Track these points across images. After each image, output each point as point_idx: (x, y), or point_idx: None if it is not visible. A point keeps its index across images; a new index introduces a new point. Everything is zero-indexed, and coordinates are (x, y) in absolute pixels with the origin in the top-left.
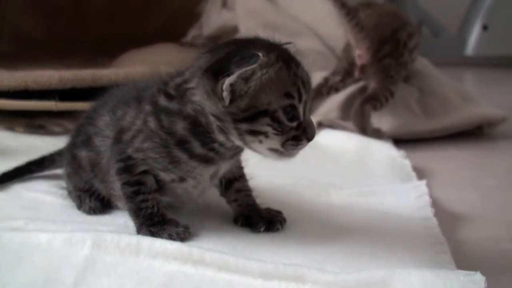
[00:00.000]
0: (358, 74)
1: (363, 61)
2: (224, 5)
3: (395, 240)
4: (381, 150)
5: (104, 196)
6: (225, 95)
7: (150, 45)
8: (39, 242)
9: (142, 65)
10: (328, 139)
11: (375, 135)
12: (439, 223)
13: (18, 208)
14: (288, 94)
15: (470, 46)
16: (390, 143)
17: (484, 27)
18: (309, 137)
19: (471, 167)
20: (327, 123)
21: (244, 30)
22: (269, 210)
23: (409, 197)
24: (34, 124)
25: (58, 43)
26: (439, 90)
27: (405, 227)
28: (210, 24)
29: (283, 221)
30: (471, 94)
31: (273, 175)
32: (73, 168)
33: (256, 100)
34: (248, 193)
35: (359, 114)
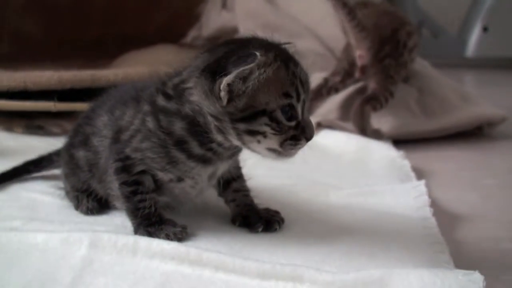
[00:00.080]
0: (358, 75)
1: (363, 61)
2: (223, 6)
3: (393, 240)
4: (380, 151)
5: (101, 196)
6: (223, 94)
7: (150, 46)
8: (36, 242)
9: (141, 66)
10: (328, 139)
11: (374, 135)
12: (438, 223)
13: (16, 208)
14: (286, 94)
15: (470, 47)
16: (390, 144)
17: (484, 29)
18: (308, 136)
19: (471, 167)
20: (327, 123)
21: (243, 31)
22: (267, 210)
23: (408, 197)
24: (33, 124)
25: (58, 44)
26: (439, 90)
27: (404, 227)
28: (209, 25)
29: (281, 221)
30: (471, 94)
31: (272, 175)
32: (70, 168)
33: (254, 100)
34: (246, 193)
35: (359, 114)
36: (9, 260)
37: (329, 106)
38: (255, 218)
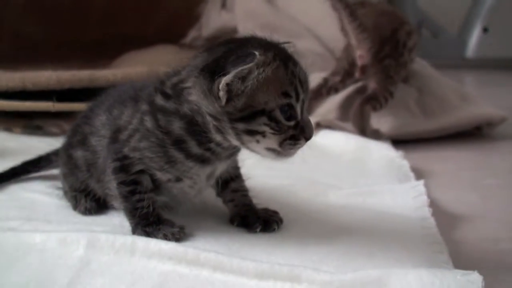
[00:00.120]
0: (358, 75)
1: (363, 61)
2: (223, 6)
3: (392, 240)
4: (379, 151)
5: (99, 196)
6: (222, 94)
7: (150, 46)
8: (34, 242)
9: (140, 66)
10: (327, 139)
11: (374, 135)
12: (438, 223)
13: (14, 208)
14: (286, 93)
15: (470, 48)
16: (389, 144)
17: (484, 29)
18: (307, 136)
19: (470, 167)
20: (326, 123)
21: (243, 31)
22: (265, 210)
23: (407, 197)
24: (31, 124)
25: (58, 44)
26: (438, 90)
27: (403, 227)
28: (209, 25)
29: (279, 221)
30: (470, 94)
31: (271, 175)
32: (69, 168)
33: (253, 99)
34: (244, 193)
35: (359, 114)
36: (7, 260)
37: (328, 106)
38: (253, 218)
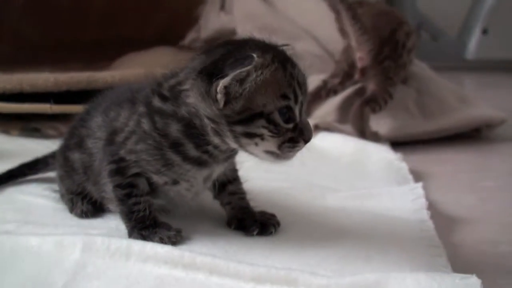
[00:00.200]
0: (358, 77)
1: (363, 63)
2: (222, 8)
3: (390, 243)
4: (378, 153)
5: (96, 199)
6: (219, 97)
7: (149, 48)
8: (30, 245)
9: (139, 68)
10: (325, 142)
11: (373, 138)
12: (436, 226)
13: (10, 211)
14: (284, 96)
15: (470, 49)
16: (387, 146)
17: (483, 31)
18: (306, 138)
19: (469, 169)
20: (324, 126)
21: (242, 33)
22: (263, 213)
23: (405, 199)
24: (29, 127)
25: (57, 46)
26: (437, 91)
27: (401, 230)
28: (208, 27)
29: (276, 224)
30: (469, 96)
31: (269, 178)
32: (65, 171)
33: (251, 102)
34: (242, 196)
35: (358, 116)
36: (3, 263)
37: (327, 108)
38: (250, 221)
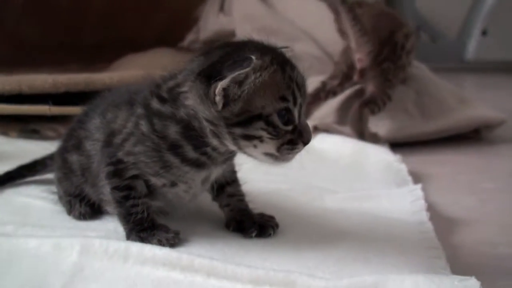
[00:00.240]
0: (357, 78)
1: (363, 65)
2: (221, 9)
3: (389, 245)
4: (377, 155)
5: (94, 201)
6: (218, 99)
7: (148, 49)
8: (28, 247)
9: (137, 69)
10: (324, 143)
11: (372, 139)
12: (435, 227)
13: (8, 213)
14: (283, 98)
15: (469, 51)
16: (386, 148)
17: (483, 32)
18: (305, 140)
19: (469, 171)
20: (323, 127)
21: (241, 34)
22: (261, 215)
23: (404, 201)
24: (28, 128)
25: (56, 47)
26: (436, 92)
27: (400, 232)
28: (207, 28)
29: (275, 226)
30: (468, 97)
31: (268, 180)
32: (63, 173)
33: (250, 104)
34: (240, 197)
35: (357, 118)
36: (0, 265)
37: (326, 110)
38: (249, 223)
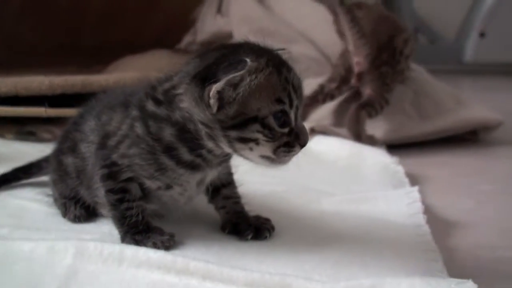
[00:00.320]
0: (355, 82)
1: (360, 68)
2: (218, 11)
3: (385, 247)
4: (374, 157)
5: (89, 203)
6: (212, 102)
7: (145, 51)
8: (22, 250)
9: (134, 71)
10: (321, 145)
11: (369, 141)
12: (432, 230)
13: (4, 215)
14: (279, 100)
15: (467, 53)
16: (383, 150)
17: (481, 34)
18: (302, 143)
19: (466, 173)
20: (320, 129)
21: (238, 36)
22: (257, 217)
23: (401, 203)
24: (24, 130)
25: (53, 49)
26: (434, 93)
27: (396, 235)
28: (204, 30)
29: (271, 229)
30: (466, 99)
31: (264, 182)
32: (59, 175)
33: (245, 107)
34: (236, 200)
35: (354, 120)
36: None
37: (323, 112)
38: (244, 225)
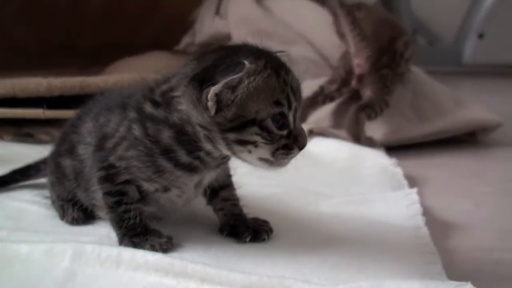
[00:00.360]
0: (355, 84)
1: (361, 70)
2: (217, 12)
3: (384, 250)
4: (372, 159)
5: (87, 206)
6: (210, 104)
7: (144, 52)
8: (20, 253)
9: (132, 72)
10: (319, 147)
11: (368, 143)
12: (431, 232)
13: (1, 217)
14: (277, 102)
15: (466, 54)
16: (382, 151)
17: (480, 36)
18: (301, 145)
19: (465, 174)
20: (319, 131)
21: (236, 37)
22: (255, 219)
23: (400, 205)
24: (22, 132)
25: (52, 51)
26: (432, 94)
27: (395, 237)
28: (203, 31)
29: (269, 231)
30: (464, 100)
31: (262, 184)
32: (56, 177)
33: (244, 109)
34: (235, 202)
35: (354, 121)
36: None
37: (321, 114)
38: (243, 228)
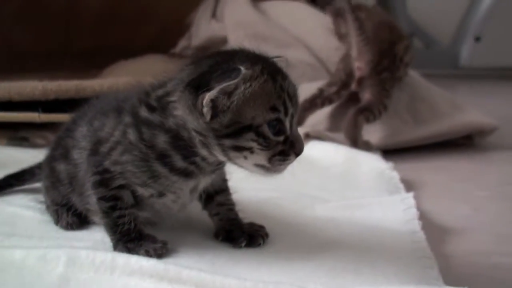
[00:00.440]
0: (355, 87)
1: (361, 73)
2: (213, 16)
3: (380, 254)
4: (369, 163)
5: (81, 211)
6: (206, 110)
7: (140, 56)
8: (14, 259)
9: (128, 76)
10: (316, 151)
11: (364, 147)
12: (428, 236)
13: None
14: (274, 108)
15: (463, 57)
16: (379, 155)
17: (476, 38)
18: (297, 151)
19: (462, 178)
20: (315, 134)
21: (233, 41)
22: (251, 224)
23: (397, 209)
24: (17, 136)
25: (48, 54)
26: (429, 97)
27: (392, 241)
28: (199, 34)
29: (265, 236)
30: (461, 103)
31: (258, 188)
32: (51, 182)
33: (240, 115)
34: (230, 207)
35: (352, 124)
36: None
37: (318, 117)
38: (238, 232)
